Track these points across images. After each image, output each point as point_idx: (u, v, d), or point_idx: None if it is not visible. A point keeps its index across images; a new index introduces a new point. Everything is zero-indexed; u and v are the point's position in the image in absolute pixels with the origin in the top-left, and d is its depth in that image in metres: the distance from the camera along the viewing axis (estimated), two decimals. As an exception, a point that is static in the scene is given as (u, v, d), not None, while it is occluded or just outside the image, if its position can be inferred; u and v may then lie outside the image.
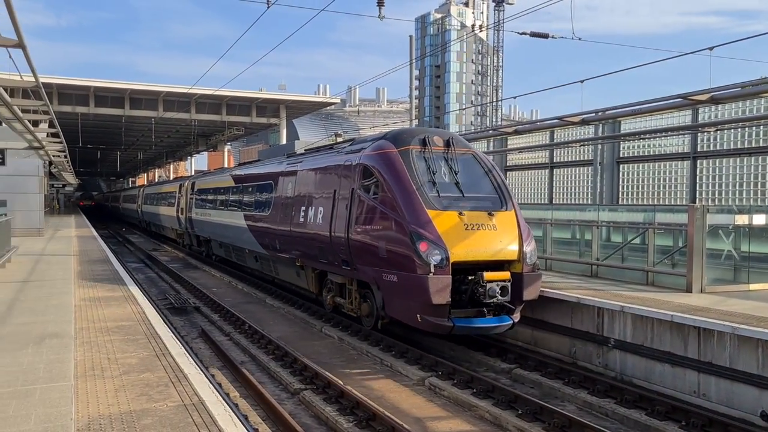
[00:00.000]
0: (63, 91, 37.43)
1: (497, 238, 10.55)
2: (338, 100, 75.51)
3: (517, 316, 10.60)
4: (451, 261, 10.03)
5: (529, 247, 10.76)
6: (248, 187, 19.10)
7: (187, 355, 7.55)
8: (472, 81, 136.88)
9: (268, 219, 16.54)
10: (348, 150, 13.12)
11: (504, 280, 10.22)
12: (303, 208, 14.23)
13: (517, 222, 10.94)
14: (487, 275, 10.11)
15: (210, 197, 23.69)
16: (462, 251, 10.18)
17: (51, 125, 18.83)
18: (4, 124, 17.58)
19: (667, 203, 15.78)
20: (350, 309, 12.85)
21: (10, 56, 10.45)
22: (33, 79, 10.79)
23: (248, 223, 18.14)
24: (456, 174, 11.25)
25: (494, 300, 10.11)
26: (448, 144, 11.61)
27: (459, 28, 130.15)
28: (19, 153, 22.34)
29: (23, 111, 14.42)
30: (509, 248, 10.58)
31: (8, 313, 9.41)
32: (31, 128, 16.84)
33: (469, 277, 10.28)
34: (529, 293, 10.58)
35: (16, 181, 24.56)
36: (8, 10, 6.43)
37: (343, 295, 13.14)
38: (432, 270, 9.88)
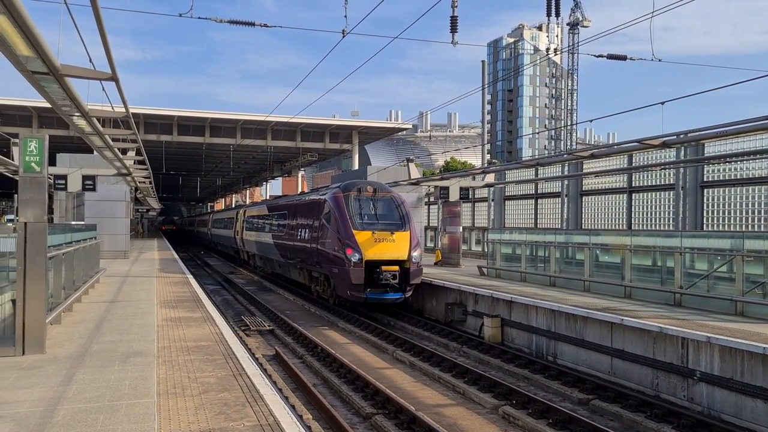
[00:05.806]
0: (149, 120, 39.40)
1: (394, 247, 17.17)
2: (410, 126, 76.11)
3: (408, 294, 17.27)
4: (365, 259, 16.76)
5: (415, 252, 17.28)
6: (274, 215, 26.39)
7: (263, 375, 7.70)
8: (545, 105, 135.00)
9: (284, 237, 23.51)
10: (321, 192, 20.62)
11: (394, 271, 16.80)
12: (300, 230, 21.13)
13: (410, 237, 17.49)
14: (384, 268, 16.70)
15: (254, 222, 30.77)
16: (371, 254, 16.88)
17: (138, 153, 19.83)
18: (95, 152, 18.67)
19: (756, 230, 14.96)
20: (322, 292, 19.86)
21: (103, 89, 11.13)
22: (123, 110, 11.41)
23: (274, 240, 25.09)
24: (376, 209, 17.88)
25: (388, 282, 16.65)
26: (375, 191, 18.23)
27: (532, 52, 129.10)
28: (108, 179, 23.63)
29: (113, 140, 15.27)
30: (401, 253, 17.16)
31: (97, 332, 9.89)
32: (120, 156, 17.81)
33: (377, 270, 16.65)
34: (414, 280, 17.26)
35: (105, 206, 25.98)
36: (105, 48, 6.87)
37: (319, 285, 20.05)
38: (352, 265, 16.65)
